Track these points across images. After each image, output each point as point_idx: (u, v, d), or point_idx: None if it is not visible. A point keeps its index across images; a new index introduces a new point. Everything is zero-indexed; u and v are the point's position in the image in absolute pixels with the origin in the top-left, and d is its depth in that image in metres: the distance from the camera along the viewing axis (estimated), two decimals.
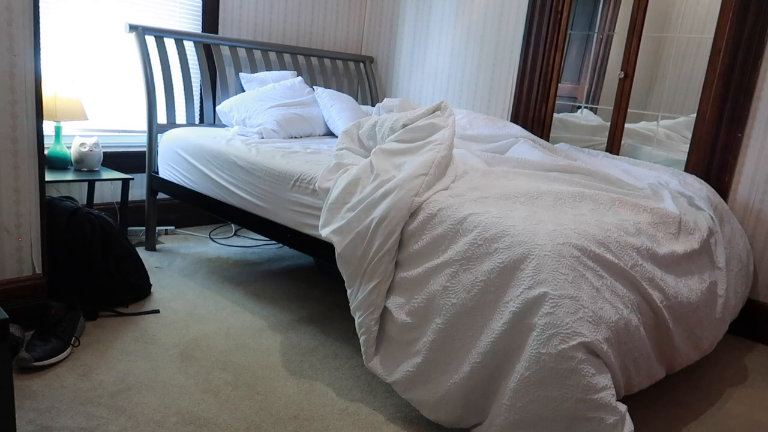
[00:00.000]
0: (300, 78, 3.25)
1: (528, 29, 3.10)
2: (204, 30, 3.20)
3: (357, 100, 3.73)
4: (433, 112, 2.13)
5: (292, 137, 2.98)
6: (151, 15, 3.00)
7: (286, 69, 3.44)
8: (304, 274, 2.83)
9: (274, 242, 3.23)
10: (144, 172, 2.98)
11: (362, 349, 1.77)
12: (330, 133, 3.21)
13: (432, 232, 1.69)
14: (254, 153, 2.42)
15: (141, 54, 2.78)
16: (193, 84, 3.06)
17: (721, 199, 2.42)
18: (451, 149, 1.98)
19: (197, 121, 3.24)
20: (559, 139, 3.04)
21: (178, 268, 2.69)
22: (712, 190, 2.43)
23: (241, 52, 3.32)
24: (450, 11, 3.48)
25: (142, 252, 2.82)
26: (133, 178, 2.72)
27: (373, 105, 3.65)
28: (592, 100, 3.39)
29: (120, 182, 2.67)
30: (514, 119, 3.20)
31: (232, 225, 3.43)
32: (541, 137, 3.08)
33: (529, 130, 2.91)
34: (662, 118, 3.03)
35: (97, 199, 2.86)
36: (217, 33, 3.23)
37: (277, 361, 1.96)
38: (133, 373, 1.79)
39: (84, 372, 1.77)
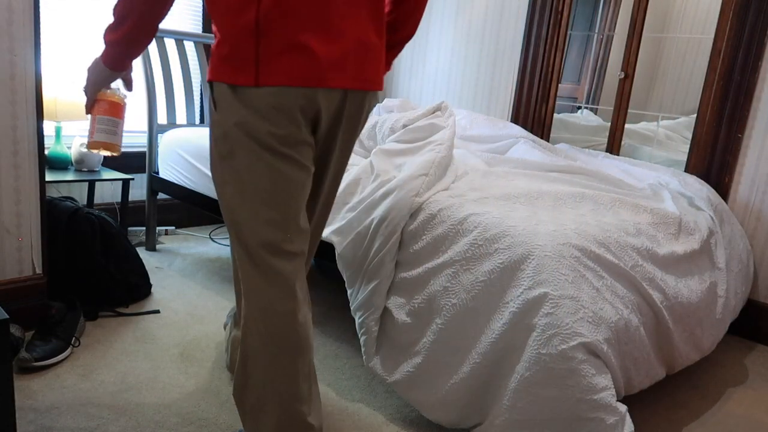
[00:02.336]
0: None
1: (528, 29, 3.10)
2: (204, 30, 3.20)
3: None
4: (433, 112, 2.13)
5: None
6: None
7: None
8: None
9: None
10: (144, 172, 2.98)
11: (362, 350, 1.77)
12: None
13: (432, 233, 1.69)
14: None
15: (141, 54, 2.77)
16: (193, 84, 3.06)
17: (721, 200, 2.42)
18: (451, 149, 1.98)
19: (197, 121, 3.24)
20: (560, 140, 3.04)
21: (179, 268, 2.69)
22: (712, 190, 2.43)
23: None
24: (450, 11, 3.48)
25: (142, 252, 2.82)
26: (133, 179, 2.72)
27: None
28: (592, 100, 3.39)
29: (120, 182, 2.67)
30: (515, 120, 3.20)
31: None
32: (541, 138, 3.08)
33: (529, 131, 2.91)
34: (662, 118, 3.03)
35: (97, 200, 2.86)
36: None
37: None
38: (133, 373, 1.79)
39: (84, 372, 1.77)
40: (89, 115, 1.44)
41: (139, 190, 3.02)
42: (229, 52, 1.16)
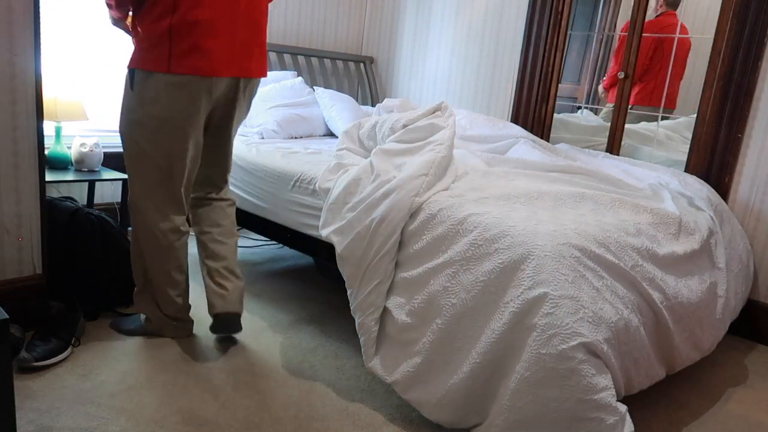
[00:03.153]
0: (300, 78, 3.25)
1: (528, 29, 3.10)
2: None
3: (357, 101, 3.73)
4: (433, 112, 2.13)
5: (292, 137, 2.98)
6: None
7: (286, 69, 3.44)
8: (304, 274, 2.83)
9: (274, 242, 3.23)
10: None
11: (362, 350, 1.77)
12: (330, 134, 3.21)
13: (432, 233, 1.69)
14: (254, 153, 2.42)
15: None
16: None
17: (721, 200, 2.42)
18: (451, 149, 1.98)
19: None
20: (560, 140, 3.04)
21: None
22: (712, 190, 2.43)
23: None
24: (450, 11, 3.48)
25: None
26: None
27: (373, 105, 3.65)
28: (592, 100, 3.39)
29: (120, 182, 2.67)
30: (515, 120, 3.20)
31: None
32: (541, 138, 3.08)
33: (529, 131, 2.91)
34: (662, 118, 3.03)
35: (97, 200, 2.86)
36: None
37: (277, 361, 1.96)
38: (133, 373, 1.79)
39: (84, 372, 1.77)
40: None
41: None
42: (150, 48, 1.69)
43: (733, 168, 2.54)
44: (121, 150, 2.99)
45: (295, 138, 2.99)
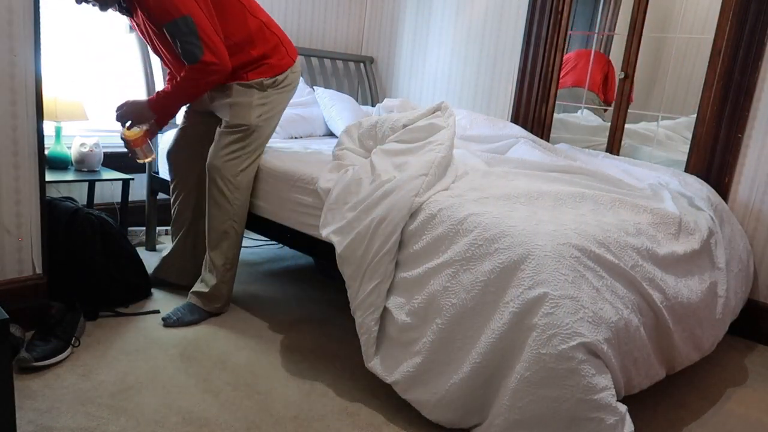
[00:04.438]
0: (300, 78, 3.24)
1: (528, 29, 3.10)
2: None
3: (357, 101, 3.73)
4: (433, 112, 2.13)
5: (292, 137, 2.97)
6: None
7: None
8: (304, 274, 2.83)
9: (274, 242, 3.23)
10: (144, 172, 2.97)
11: (362, 350, 1.77)
12: (330, 134, 3.21)
13: (432, 233, 1.69)
14: None
15: (141, 54, 2.77)
16: None
17: (721, 200, 2.42)
18: (451, 150, 1.98)
19: None
20: (560, 140, 3.04)
21: None
22: (712, 190, 2.43)
23: None
24: (450, 11, 3.48)
25: (142, 252, 2.82)
26: (133, 179, 2.72)
27: (373, 105, 3.65)
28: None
29: (120, 182, 2.67)
30: (515, 120, 3.20)
31: None
32: (542, 138, 3.08)
33: (529, 131, 2.91)
34: (662, 118, 3.03)
35: (97, 200, 2.86)
36: None
37: (277, 361, 1.96)
38: (133, 373, 1.79)
39: (84, 372, 1.77)
40: (132, 145, 2.19)
41: (139, 190, 3.02)
42: (277, 59, 2.24)
43: (733, 168, 2.54)
44: (120, 150, 3.02)
45: (295, 138, 2.99)
